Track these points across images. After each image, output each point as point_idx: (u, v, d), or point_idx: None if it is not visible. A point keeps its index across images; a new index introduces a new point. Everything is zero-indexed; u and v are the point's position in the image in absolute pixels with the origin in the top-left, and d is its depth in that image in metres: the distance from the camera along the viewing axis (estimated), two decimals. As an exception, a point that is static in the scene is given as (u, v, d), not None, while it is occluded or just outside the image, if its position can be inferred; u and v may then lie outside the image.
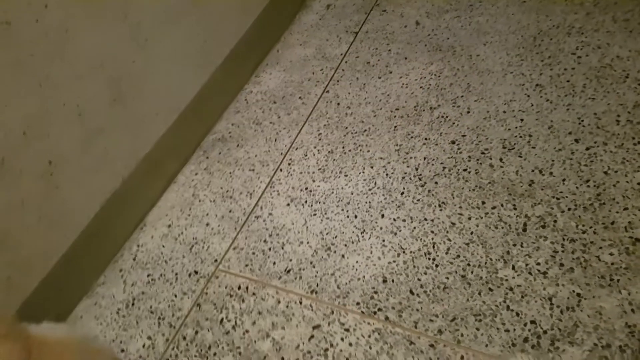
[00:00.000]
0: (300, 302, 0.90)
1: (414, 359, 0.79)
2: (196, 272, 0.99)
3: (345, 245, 0.95)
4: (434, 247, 0.91)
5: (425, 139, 1.09)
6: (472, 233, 0.92)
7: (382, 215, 0.98)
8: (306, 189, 1.07)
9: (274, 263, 0.96)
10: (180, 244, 1.04)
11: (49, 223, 0.94)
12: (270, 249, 0.99)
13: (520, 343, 0.77)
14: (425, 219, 0.96)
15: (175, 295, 0.96)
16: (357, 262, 0.93)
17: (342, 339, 0.83)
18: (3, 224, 0.86)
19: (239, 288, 0.94)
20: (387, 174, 1.05)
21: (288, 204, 1.05)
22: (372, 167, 1.07)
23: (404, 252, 0.92)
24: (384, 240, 0.94)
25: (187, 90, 1.19)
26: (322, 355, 0.82)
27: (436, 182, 1.01)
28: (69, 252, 0.99)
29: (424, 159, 1.06)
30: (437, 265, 0.89)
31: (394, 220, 0.97)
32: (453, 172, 1.02)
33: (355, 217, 0.99)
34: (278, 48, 1.43)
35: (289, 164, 1.13)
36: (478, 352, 0.77)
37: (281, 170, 1.12)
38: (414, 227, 0.95)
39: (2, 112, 0.80)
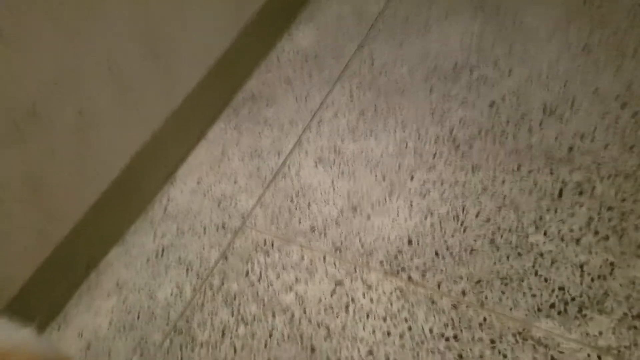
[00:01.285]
0: (324, 259, 0.94)
1: (435, 318, 0.82)
2: (224, 227, 1.04)
3: (372, 206, 0.98)
4: (463, 210, 0.93)
5: (463, 100, 1.09)
6: (504, 197, 0.93)
7: (412, 178, 1.00)
8: (334, 149, 1.10)
9: (300, 221, 1.01)
10: (209, 200, 1.10)
11: (79, 172, 1.01)
12: (296, 208, 1.03)
13: (547, 309, 0.79)
14: (457, 182, 0.97)
15: (203, 248, 1.02)
16: (382, 223, 0.96)
17: (363, 295, 0.87)
18: (35, 172, 0.93)
19: (265, 243, 0.99)
20: (419, 136, 1.06)
21: (316, 164, 1.09)
22: (404, 129, 1.08)
23: (431, 214, 0.94)
24: (411, 202, 0.97)
25: (217, 46, 1.23)
26: (343, 310, 0.87)
27: (471, 145, 1.02)
28: (99, 202, 1.07)
29: (460, 121, 1.06)
30: (465, 229, 0.91)
31: (424, 182, 0.99)
32: (489, 135, 1.02)
33: (384, 179, 1.02)
34: (313, 5, 1.44)
35: (319, 124, 1.16)
36: (501, 314, 0.80)
37: (310, 130, 1.15)
38: (444, 190, 0.97)
39: (35, 60, 0.86)
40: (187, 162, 1.19)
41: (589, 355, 0.73)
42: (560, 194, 0.90)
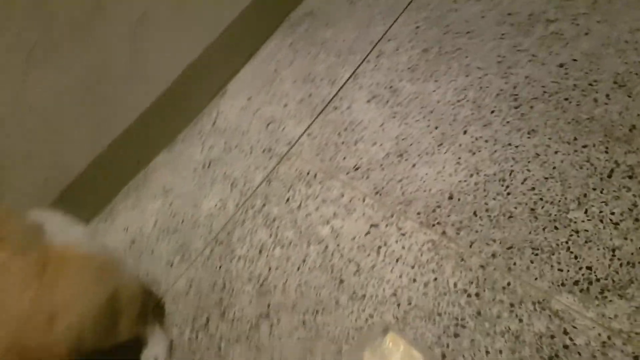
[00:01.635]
0: (363, 200, 0.98)
1: (462, 274, 0.88)
2: (270, 150, 1.08)
3: (419, 155, 1.00)
4: (510, 174, 0.94)
5: (533, 55, 1.05)
6: (554, 168, 0.93)
7: (465, 132, 1.00)
8: (391, 87, 1.08)
9: (344, 158, 1.03)
10: (258, 120, 1.13)
11: (135, 76, 1.03)
12: (343, 143, 1.05)
13: (570, 285, 0.83)
14: (510, 144, 0.97)
15: (249, 167, 1.07)
16: (426, 174, 0.98)
17: (396, 241, 0.93)
18: (94, 72, 0.96)
19: (308, 174, 1.04)
20: (481, 87, 1.04)
21: (369, 101, 1.08)
22: (466, 76, 1.06)
23: (477, 173, 0.96)
24: (459, 158, 0.98)
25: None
26: (375, 251, 0.93)
27: (532, 107, 1.00)
28: (153, 106, 1.10)
29: (526, 77, 1.03)
30: (508, 194, 0.93)
31: (476, 139, 0.99)
32: (553, 98, 0.99)
33: (436, 128, 1.02)
34: None
35: (378, 57, 1.13)
36: (526, 282, 0.85)
37: (368, 61, 1.13)
38: (495, 150, 0.97)
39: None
40: (239, 77, 1.20)
41: (599, 335, 0.79)
42: (610, 175, 0.90)
